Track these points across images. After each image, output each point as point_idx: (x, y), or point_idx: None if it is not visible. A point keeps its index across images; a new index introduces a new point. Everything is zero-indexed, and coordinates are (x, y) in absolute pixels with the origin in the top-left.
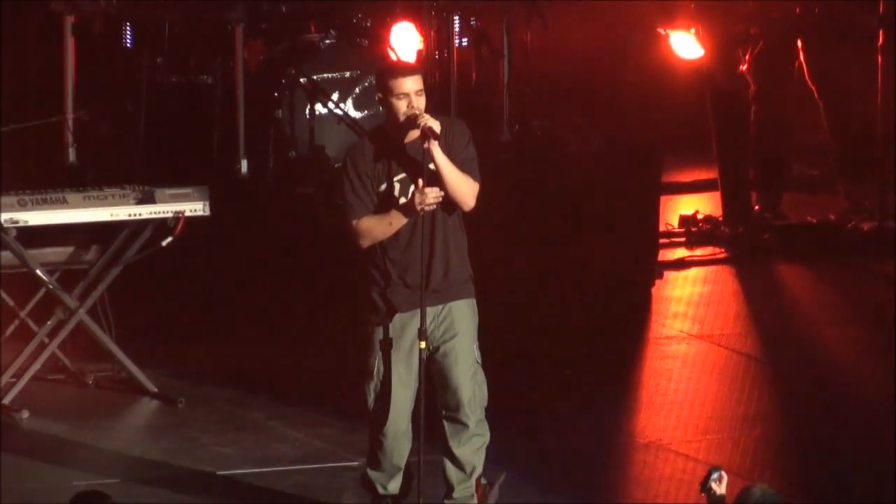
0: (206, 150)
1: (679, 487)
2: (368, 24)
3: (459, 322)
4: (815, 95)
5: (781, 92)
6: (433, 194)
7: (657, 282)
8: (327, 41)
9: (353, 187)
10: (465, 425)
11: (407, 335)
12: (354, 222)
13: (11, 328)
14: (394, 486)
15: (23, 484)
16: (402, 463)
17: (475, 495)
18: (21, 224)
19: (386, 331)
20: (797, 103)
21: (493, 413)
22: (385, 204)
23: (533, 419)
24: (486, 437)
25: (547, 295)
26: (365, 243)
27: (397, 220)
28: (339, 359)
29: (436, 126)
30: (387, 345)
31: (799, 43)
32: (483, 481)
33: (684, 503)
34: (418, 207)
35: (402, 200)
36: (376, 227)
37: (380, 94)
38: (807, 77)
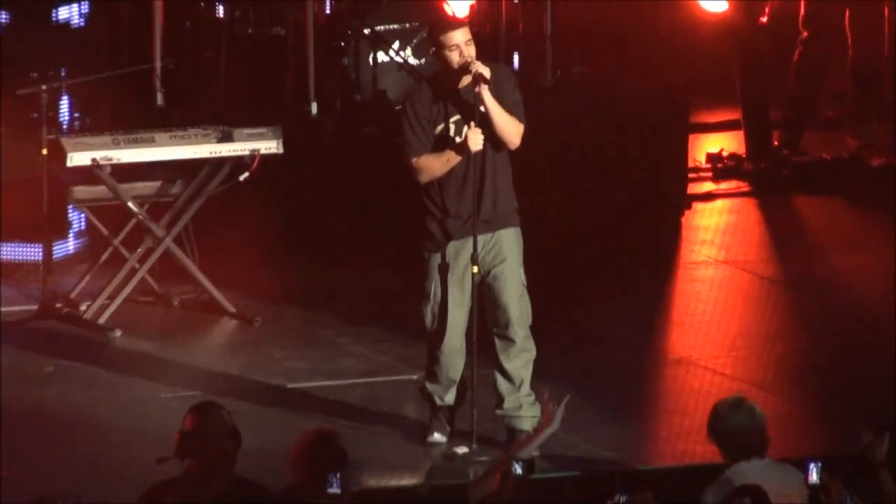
0: (279, 94)
1: (707, 399)
2: None
3: (507, 248)
4: (849, 40)
5: (831, 36)
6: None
7: (686, 212)
8: None
9: (413, 128)
10: (514, 341)
11: (461, 261)
12: (414, 160)
13: (105, 255)
14: (450, 397)
15: (116, 395)
16: (458, 376)
17: (524, 406)
18: (114, 161)
19: (442, 257)
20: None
21: (538, 331)
22: (442, 143)
23: (573, 337)
24: (533, 352)
25: (586, 225)
26: (423, 179)
27: (453, 158)
28: (400, 282)
29: (486, 72)
30: (443, 269)
31: None
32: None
33: None
34: (472, 147)
35: (458, 140)
36: (434, 165)
37: (433, 48)
38: (847, 22)
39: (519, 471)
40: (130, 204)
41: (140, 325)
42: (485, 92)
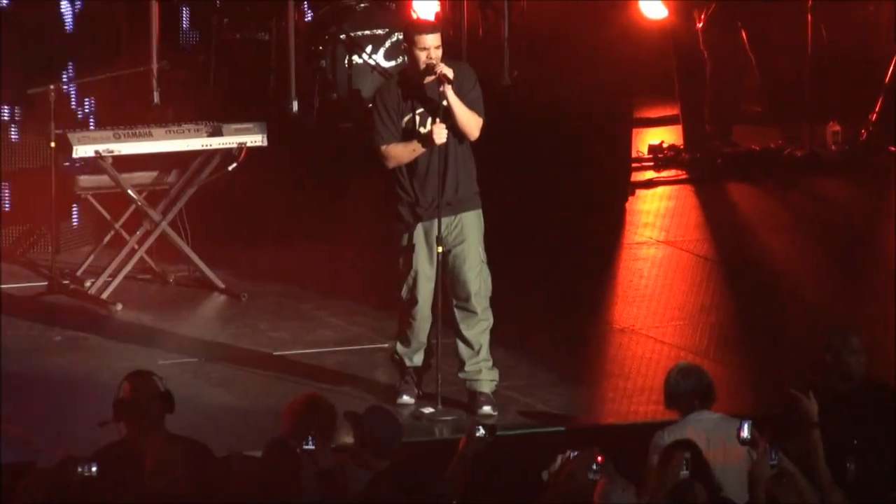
0: (264, 93)
1: (648, 365)
2: None
3: (468, 229)
4: (747, 47)
5: (730, 44)
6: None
7: (630, 198)
8: (362, 5)
9: (382, 119)
10: (474, 312)
11: (429, 239)
12: (383, 147)
13: (108, 237)
14: (418, 359)
15: (118, 363)
16: (425, 340)
17: (483, 370)
18: (115, 153)
19: (411, 237)
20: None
21: (496, 303)
22: (409, 133)
23: (528, 309)
24: (490, 321)
25: (540, 208)
26: (391, 165)
27: (418, 148)
28: (372, 261)
29: (449, 73)
30: (414, 248)
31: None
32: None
33: (652, 377)
34: (436, 139)
35: (422, 129)
36: (401, 153)
37: (405, 45)
38: (743, 35)
39: (482, 432)
40: (130, 191)
41: (139, 300)
42: (448, 91)
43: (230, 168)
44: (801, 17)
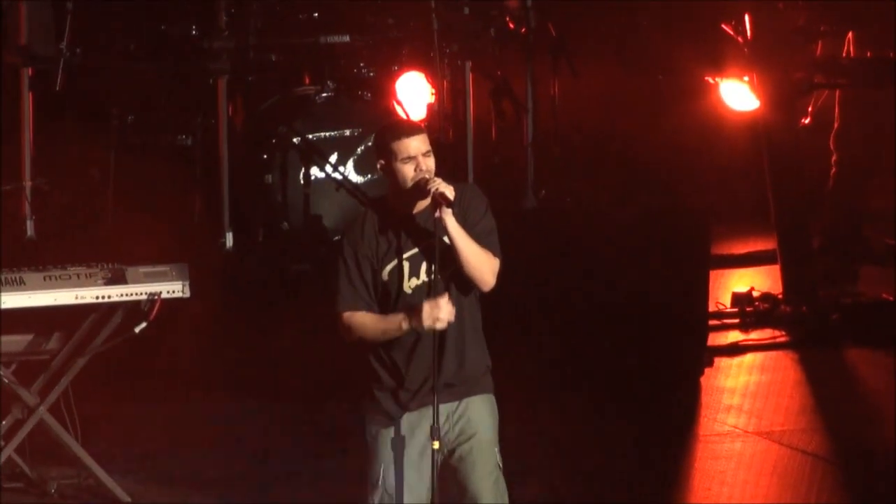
0: (185, 221)
1: None
2: (371, 74)
3: (477, 421)
4: None
5: (866, 142)
6: (448, 309)
7: (707, 371)
8: (324, 95)
9: (348, 273)
10: None
11: (417, 438)
12: (346, 315)
13: None
14: None
15: None
16: None
17: None
18: None
19: (392, 433)
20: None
21: None
22: (393, 285)
23: None
24: None
25: (579, 388)
26: (351, 339)
27: (392, 329)
28: (341, 461)
29: (448, 191)
30: (395, 449)
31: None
32: None
33: None
34: (426, 323)
35: (414, 281)
36: (368, 327)
37: (382, 161)
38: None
39: None
40: None
41: None
42: (448, 218)
43: (138, 330)
44: None
